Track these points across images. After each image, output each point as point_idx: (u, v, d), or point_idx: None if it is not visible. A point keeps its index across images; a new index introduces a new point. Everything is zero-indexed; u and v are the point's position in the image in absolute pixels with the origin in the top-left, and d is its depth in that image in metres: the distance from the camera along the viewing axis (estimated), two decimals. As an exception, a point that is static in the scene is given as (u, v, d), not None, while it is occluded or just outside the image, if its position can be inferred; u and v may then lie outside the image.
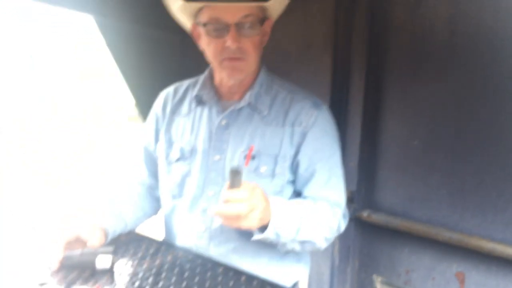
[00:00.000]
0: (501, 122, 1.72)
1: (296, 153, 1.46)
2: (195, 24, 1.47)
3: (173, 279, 1.28)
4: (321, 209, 1.40)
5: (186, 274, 1.32)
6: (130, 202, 1.64)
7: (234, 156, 1.48)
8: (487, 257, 1.72)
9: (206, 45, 1.44)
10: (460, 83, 1.81)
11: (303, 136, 1.45)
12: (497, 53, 1.71)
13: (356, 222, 2.09)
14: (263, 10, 1.43)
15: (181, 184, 1.56)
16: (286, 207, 1.33)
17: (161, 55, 2.73)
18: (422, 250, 1.94)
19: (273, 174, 1.45)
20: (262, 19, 1.42)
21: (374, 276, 2.09)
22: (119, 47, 2.58)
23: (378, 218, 2.02)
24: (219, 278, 1.29)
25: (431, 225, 1.87)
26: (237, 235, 1.49)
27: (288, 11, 1.54)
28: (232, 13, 1.34)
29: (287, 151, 1.45)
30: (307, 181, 1.47)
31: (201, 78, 1.61)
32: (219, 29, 1.37)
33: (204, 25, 1.38)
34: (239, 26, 1.35)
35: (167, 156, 1.60)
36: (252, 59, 1.43)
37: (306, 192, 1.48)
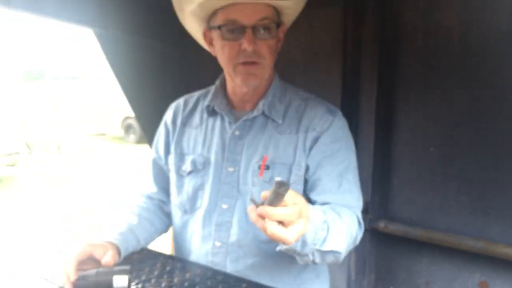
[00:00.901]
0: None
1: (307, 157, 1.41)
2: (208, 29, 1.44)
3: (196, 297, 1.21)
4: (344, 215, 1.31)
5: (209, 292, 1.25)
6: (141, 218, 1.57)
7: (248, 167, 1.43)
8: (514, 265, 1.67)
9: (220, 49, 1.40)
10: (477, 87, 1.77)
11: (315, 141, 1.41)
12: (513, 56, 1.68)
13: (372, 233, 2.03)
14: (278, 14, 1.41)
15: (194, 198, 1.51)
16: (313, 213, 1.19)
17: (161, 68, 2.68)
18: (442, 260, 1.88)
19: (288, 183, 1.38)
20: (278, 23, 1.39)
21: (392, 289, 2.03)
22: (118, 59, 2.52)
23: (395, 228, 1.96)
24: (245, 295, 1.21)
25: (452, 234, 1.81)
26: (256, 250, 1.43)
27: (295, 18, 1.51)
28: (248, 16, 1.31)
29: (301, 159, 1.41)
30: (315, 186, 1.41)
31: (212, 88, 1.57)
32: (234, 31, 1.33)
33: (219, 27, 1.35)
34: (255, 29, 1.32)
35: (179, 169, 1.54)
36: (267, 64, 1.39)
37: (316, 197, 1.40)
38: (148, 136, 2.61)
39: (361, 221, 1.41)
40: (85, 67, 16.08)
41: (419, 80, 1.91)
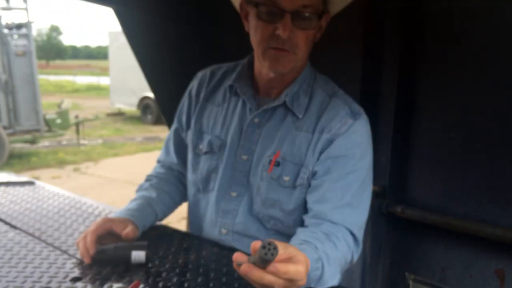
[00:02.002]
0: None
1: (316, 161, 1.33)
2: (246, 2, 1.33)
3: (212, 274, 1.22)
4: (339, 243, 1.24)
5: (225, 269, 1.26)
6: (160, 192, 1.58)
7: (260, 159, 1.39)
8: (532, 253, 1.65)
9: (253, 29, 1.31)
10: (500, 73, 1.73)
11: (329, 143, 1.31)
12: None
13: (388, 218, 2.02)
14: (324, 2, 1.31)
15: (207, 179, 1.50)
16: (306, 254, 1.07)
17: (180, 48, 2.67)
18: (459, 246, 1.87)
19: (294, 186, 1.34)
20: (321, 12, 1.29)
21: (407, 274, 2.02)
22: (138, 38, 2.53)
23: (412, 213, 1.94)
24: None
25: (470, 220, 1.79)
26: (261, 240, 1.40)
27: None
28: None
29: (310, 162, 1.33)
30: (315, 191, 1.32)
31: (240, 65, 1.50)
32: (272, 13, 1.23)
33: (257, 5, 1.25)
34: (295, 15, 1.22)
35: (196, 147, 1.52)
36: (301, 55, 1.31)
37: (313, 205, 1.32)
38: (166, 116, 2.62)
39: (359, 239, 1.33)
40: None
41: (442, 64, 1.88)
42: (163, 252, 1.36)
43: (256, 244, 0.93)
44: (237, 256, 0.97)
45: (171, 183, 1.64)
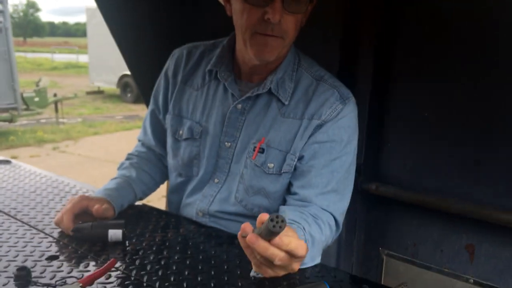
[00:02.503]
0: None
1: (303, 146, 1.32)
2: None
3: (189, 251, 1.24)
4: (324, 227, 1.26)
5: (202, 246, 1.28)
6: (140, 172, 1.58)
7: (245, 146, 1.38)
8: (501, 229, 1.70)
9: (239, 12, 1.24)
10: (474, 52, 1.76)
11: (317, 128, 1.30)
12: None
13: (363, 195, 2.06)
14: None
15: (189, 166, 1.49)
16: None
17: (158, 25, 2.62)
18: (431, 222, 1.92)
19: (279, 172, 1.34)
20: None
21: (381, 249, 2.07)
22: (113, 13, 2.46)
23: (386, 190, 1.98)
24: (237, 250, 1.24)
25: (441, 197, 1.84)
26: (234, 225, 1.41)
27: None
28: None
29: (297, 148, 1.32)
30: (301, 176, 1.32)
31: (219, 46, 1.45)
32: None
33: None
34: None
35: (175, 132, 1.50)
36: (289, 41, 1.27)
37: (298, 189, 1.32)
38: (144, 94, 2.59)
39: (340, 224, 1.35)
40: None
41: (418, 43, 1.89)
42: (140, 230, 1.37)
43: (263, 216, 0.95)
44: (245, 227, 0.97)
45: (151, 163, 1.63)
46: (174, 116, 1.50)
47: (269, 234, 0.91)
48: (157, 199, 5.47)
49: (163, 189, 1.89)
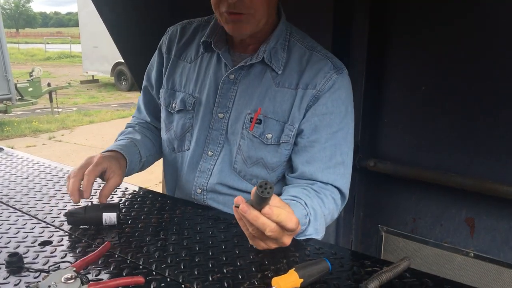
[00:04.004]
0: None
1: (303, 118, 1.31)
2: None
3: (186, 232, 1.22)
4: (327, 200, 1.28)
5: (199, 227, 1.25)
6: (143, 136, 1.57)
7: (239, 116, 1.36)
8: (500, 201, 1.69)
9: None
10: (470, 24, 1.73)
11: (315, 100, 1.30)
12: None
13: (361, 172, 2.04)
14: None
15: (181, 139, 1.48)
16: (294, 209, 1.10)
17: (148, 10, 2.58)
18: (430, 197, 1.91)
19: (278, 143, 1.33)
20: None
21: (380, 226, 2.06)
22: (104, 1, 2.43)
23: (384, 167, 1.97)
24: (235, 230, 1.22)
25: (440, 171, 1.83)
26: (233, 199, 1.39)
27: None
28: None
29: (295, 117, 1.31)
30: (304, 152, 1.32)
31: (213, 20, 1.43)
32: None
33: None
34: None
35: (168, 105, 1.49)
36: (260, 14, 1.23)
37: (302, 166, 1.32)
38: (137, 80, 2.56)
39: (346, 195, 1.36)
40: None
41: (414, 16, 1.87)
42: (136, 213, 1.35)
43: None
44: (238, 199, 0.98)
45: (151, 131, 1.63)
46: (168, 90, 1.50)
47: (260, 201, 0.93)
48: (155, 185, 5.46)
49: (159, 175, 1.87)
